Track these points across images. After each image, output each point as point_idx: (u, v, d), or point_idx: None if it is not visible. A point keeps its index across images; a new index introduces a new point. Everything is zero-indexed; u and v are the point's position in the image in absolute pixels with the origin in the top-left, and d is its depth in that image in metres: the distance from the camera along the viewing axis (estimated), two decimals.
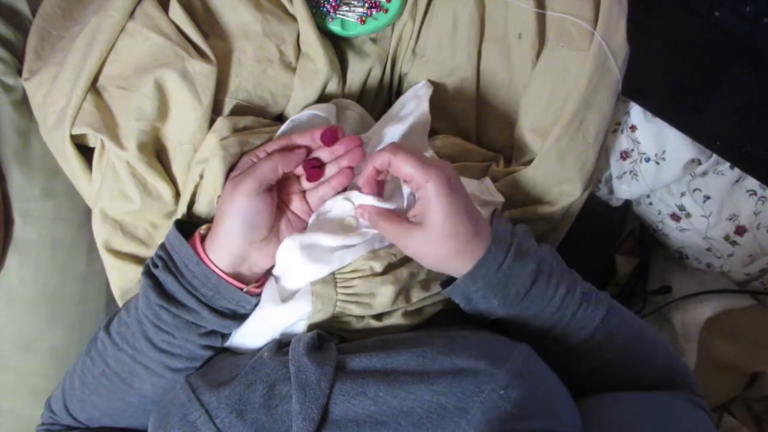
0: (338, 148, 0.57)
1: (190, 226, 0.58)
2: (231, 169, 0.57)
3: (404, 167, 0.49)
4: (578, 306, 0.52)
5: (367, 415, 0.43)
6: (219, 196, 0.56)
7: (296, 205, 0.58)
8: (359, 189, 0.57)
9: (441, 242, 0.49)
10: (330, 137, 0.55)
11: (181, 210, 0.60)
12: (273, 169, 0.53)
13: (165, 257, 0.54)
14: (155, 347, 0.54)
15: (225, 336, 0.57)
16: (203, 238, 0.55)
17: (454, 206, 0.49)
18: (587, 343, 0.53)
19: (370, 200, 0.55)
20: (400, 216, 0.54)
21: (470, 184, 0.62)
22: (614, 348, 0.54)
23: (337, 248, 0.56)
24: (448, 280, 0.54)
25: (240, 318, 0.56)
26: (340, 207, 0.57)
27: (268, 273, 0.58)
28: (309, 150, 0.57)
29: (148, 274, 0.54)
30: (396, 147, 0.50)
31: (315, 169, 0.57)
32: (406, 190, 0.57)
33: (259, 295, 0.56)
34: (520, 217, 0.66)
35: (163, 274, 0.53)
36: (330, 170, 0.58)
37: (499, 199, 0.62)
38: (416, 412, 0.43)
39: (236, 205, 0.53)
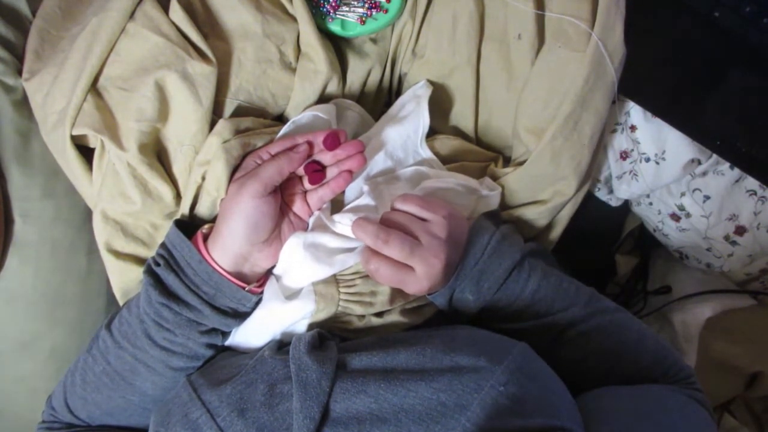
0: (340, 152, 0.57)
1: (190, 225, 0.58)
2: (234, 170, 0.57)
3: (394, 256, 0.52)
4: (553, 298, 0.55)
5: (368, 412, 0.44)
6: (222, 199, 0.57)
7: (298, 206, 0.59)
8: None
9: (426, 288, 0.54)
10: (332, 141, 0.56)
11: (183, 211, 0.60)
12: (278, 171, 0.54)
13: (167, 256, 0.54)
14: (156, 345, 0.54)
15: (225, 334, 0.57)
16: (205, 237, 0.55)
17: (438, 273, 0.52)
18: (570, 333, 0.55)
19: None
20: (401, 267, 0.54)
21: (470, 182, 0.62)
22: (598, 339, 0.55)
23: (340, 250, 0.56)
24: None
25: (241, 316, 0.56)
26: (346, 227, 0.58)
27: (268, 273, 0.59)
28: (311, 148, 0.58)
29: (150, 272, 0.54)
30: (385, 239, 0.52)
31: (317, 172, 0.58)
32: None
33: (259, 293, 0.56)
34: (515, 216, 0.66)
35: (164, 272, 0.53)
36: (330, 172, 0.59)
37: (495, 190, 0.63)
38: (416, 409, 0.43)
39: (241, 207, 0.53)
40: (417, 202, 0.54)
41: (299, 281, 0.56)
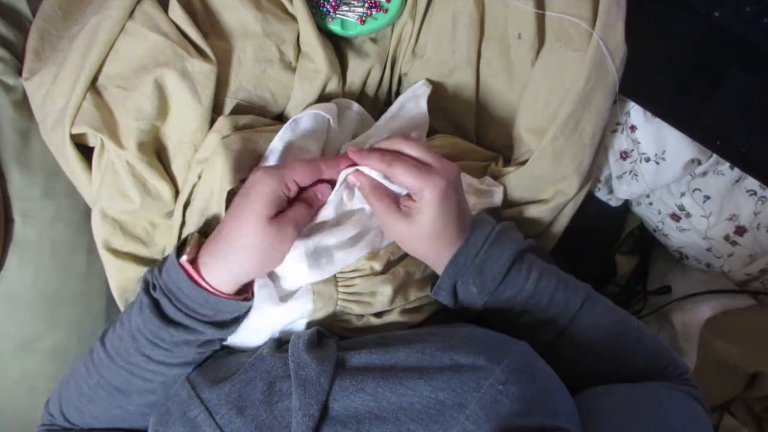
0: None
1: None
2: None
3: (401, 177, 0.51)
4: (554, 290, 0.55)
5: (367, 411, 0.44)
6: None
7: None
8: None
9: (423, 240, 0.53)
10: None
11: (178, 209, 0.60)
12: (309, 217, 0.55)
13: (164, 288, 0.52)
14: (153, 361, 0.53)
15: (222, 339, 0.57)
16: (192, 259, 0.53)
17: (444, 214, 0.51)
18: (571, 329, 0.55)
19: (367, 170, 0.55)
20: (392, 198, 0.54)
21: (471, 181, 0.62)
22: (598, 335, 0.55)
23: (339, 246, 0.56)
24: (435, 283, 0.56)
25: (239, 321, 0.55)
26: (334, 195, 0.57)
27: None
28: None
29: (147, 293, 0.52)
30: (393, 159, 0.51)
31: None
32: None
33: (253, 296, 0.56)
34: (516, 215, 0.66)
35: (161, 297, 0.52)
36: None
37: (497, 188, 0.63)
38: (415, 407, 0.43)
39: (275, 259, 0.53)
40: (409, 174, 0.51)
41: (298, 284, 0.56)
